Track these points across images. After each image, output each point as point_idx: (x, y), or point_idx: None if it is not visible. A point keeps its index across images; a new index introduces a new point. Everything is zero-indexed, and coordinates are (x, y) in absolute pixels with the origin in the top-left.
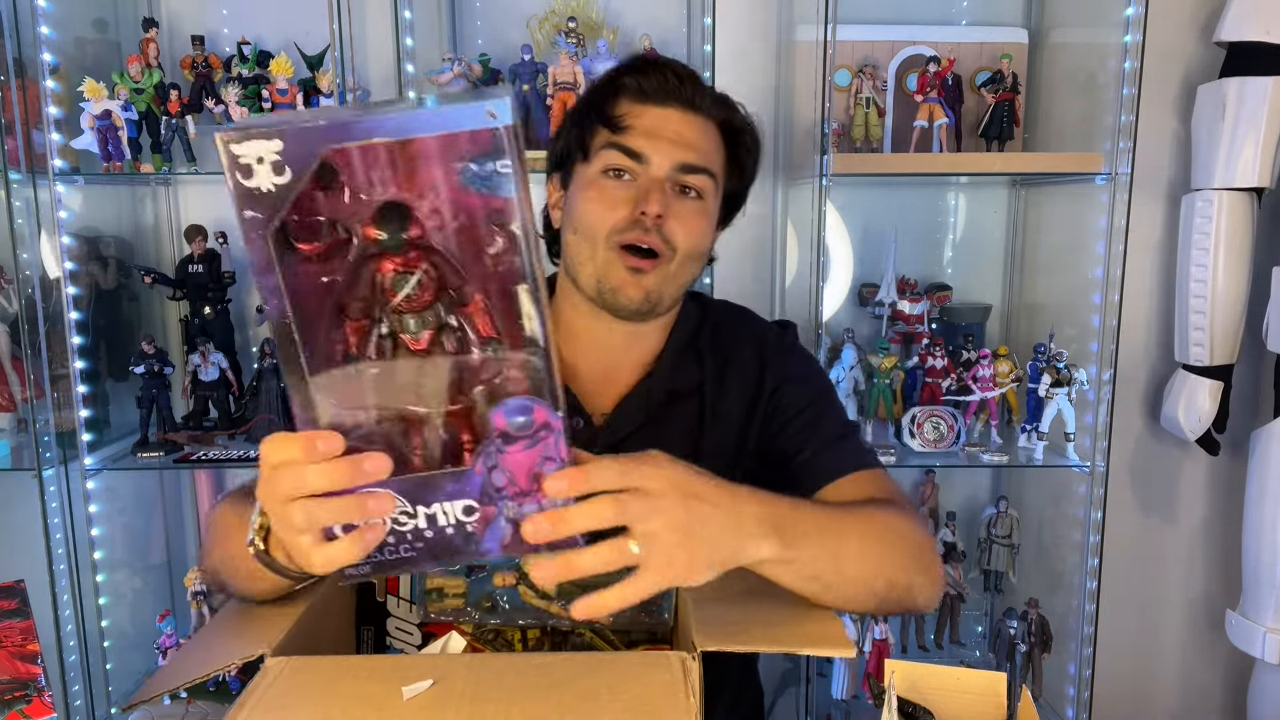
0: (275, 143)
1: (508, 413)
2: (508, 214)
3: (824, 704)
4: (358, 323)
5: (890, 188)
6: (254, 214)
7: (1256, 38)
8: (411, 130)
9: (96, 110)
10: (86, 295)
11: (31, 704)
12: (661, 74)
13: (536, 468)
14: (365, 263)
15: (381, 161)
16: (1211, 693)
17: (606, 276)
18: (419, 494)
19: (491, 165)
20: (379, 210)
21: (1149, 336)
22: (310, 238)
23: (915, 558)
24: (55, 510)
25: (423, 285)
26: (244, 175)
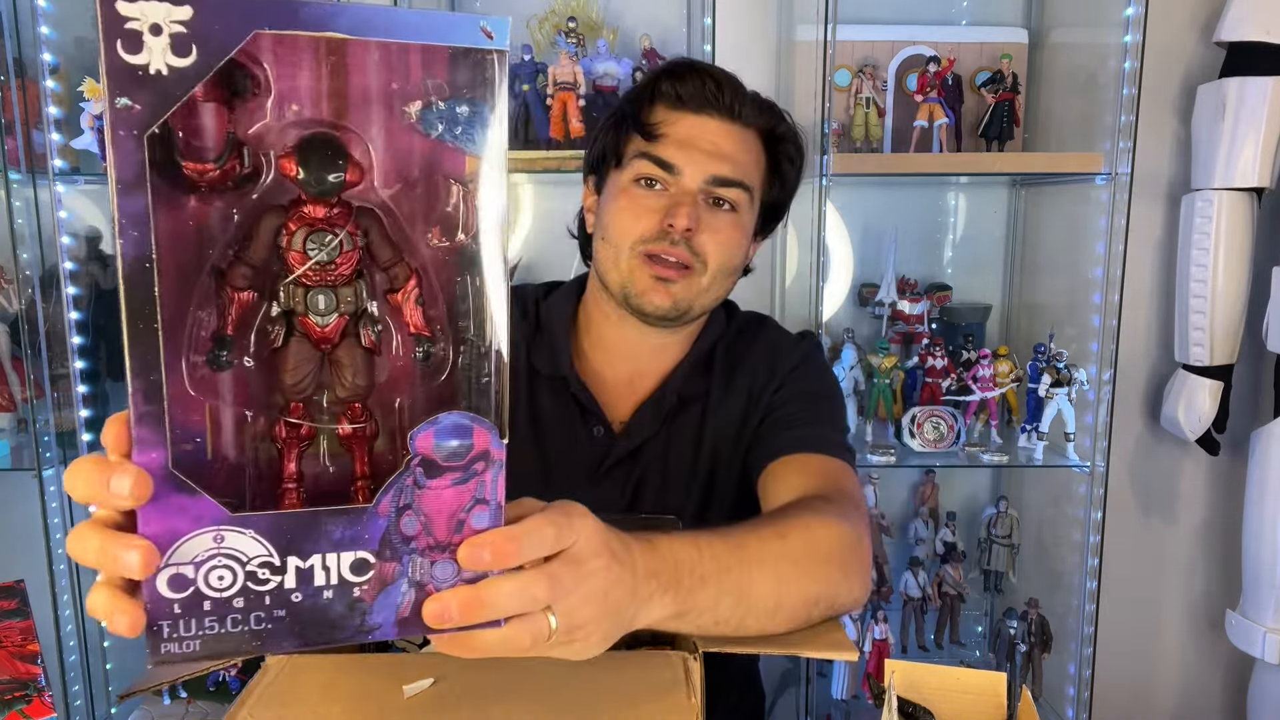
0: (184, 9)
1: (439, 433)
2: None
3: (824, 704)
4: (241, 293)
5: (890, 188)
6: (130, 103)
7: (1256, 38)
8: (378, 29)
9: (96, 110)
10: (86, 295)
11: (31, 704)
12: (700, 80)
13: (463, 512)
14: (270, 213)
15: (323, 67)
16: (1211, 693)
17: (632, 283)
18: (292, 538)
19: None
20: (306, 140)
21: (1149, 336)
22: (202, 156)
23: (838, 565)
24: (55, 510)
25: (344, 252)
26: (128, 46)
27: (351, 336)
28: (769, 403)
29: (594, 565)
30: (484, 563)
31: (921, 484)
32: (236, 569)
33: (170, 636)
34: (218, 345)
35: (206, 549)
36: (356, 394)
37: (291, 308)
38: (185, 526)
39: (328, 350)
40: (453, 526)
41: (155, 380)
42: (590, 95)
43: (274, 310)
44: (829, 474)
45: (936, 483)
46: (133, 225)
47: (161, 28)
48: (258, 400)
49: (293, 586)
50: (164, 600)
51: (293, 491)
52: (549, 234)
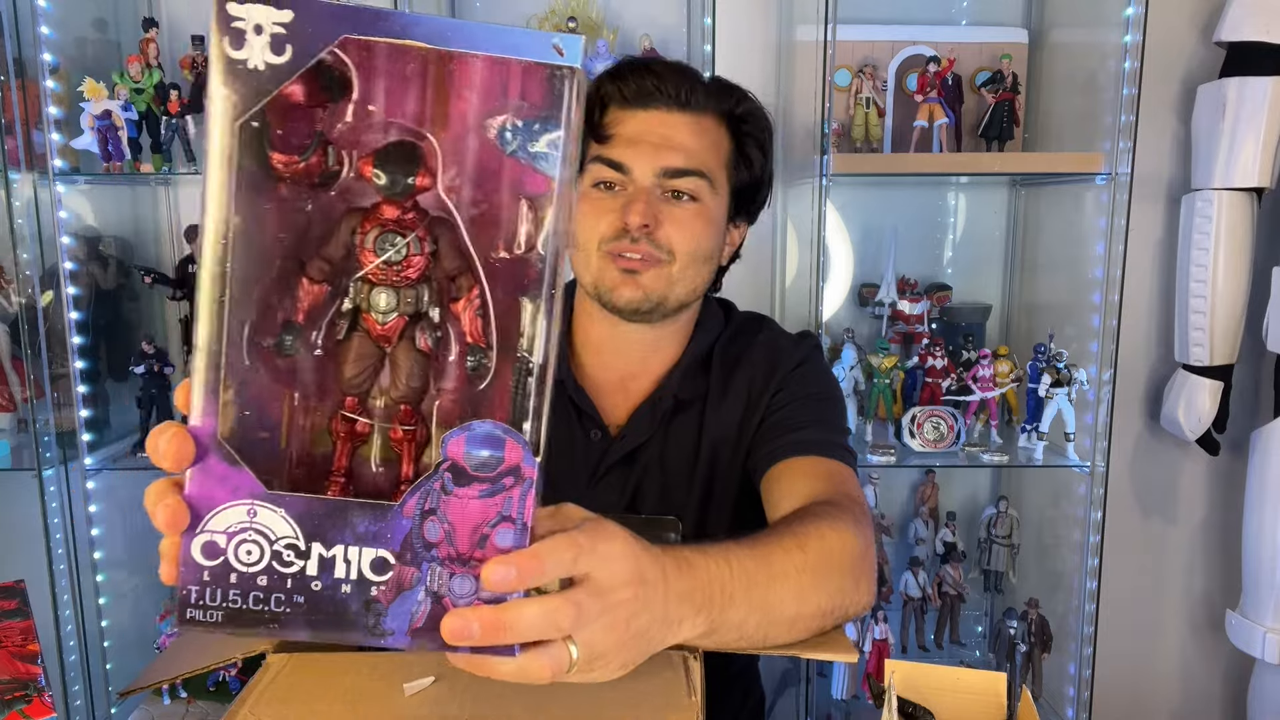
0: (285, 12)
1: (471, 441)
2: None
3: (824, 704)
4: (316, 286)
5: (890, 188)
6: (229, 93)
7: (1256, 38)
8: (456, 40)
9: (96, 110)
10: (86, 295)
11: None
12: (641, 76)
13: (487, 527)
14: (349, 214)
15: (409, 74)
16: (1211, 693)
17: (601, 280)
18: (319, 525)
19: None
20: (386, 146)
21: (1149, 336)
22: (291, 148)
23: (850, 575)
24: (55, 510)
25: (410, 256)
26: (233, 42)
27: (409, 339)
28: (769, 404)
29: (622, 595)
30: (509, 582)
31: (921, 484)
32: (264, 546)
33: (196, 602)
34: (286, 330)
35: (239, 521)
36: (410, 395)
37: (357, 304)
38: (223, 496)
39: (388, 350)
40: (475, 540)
41: (216, 351)
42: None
43: (344, 306)
44: (834, 478)
45: (936, 483)
46: (218, 204)
47: (264, 28)
48: (316, 390)
49: (314, 574)
50: (195, 565)
51: (338, 485)
52: None
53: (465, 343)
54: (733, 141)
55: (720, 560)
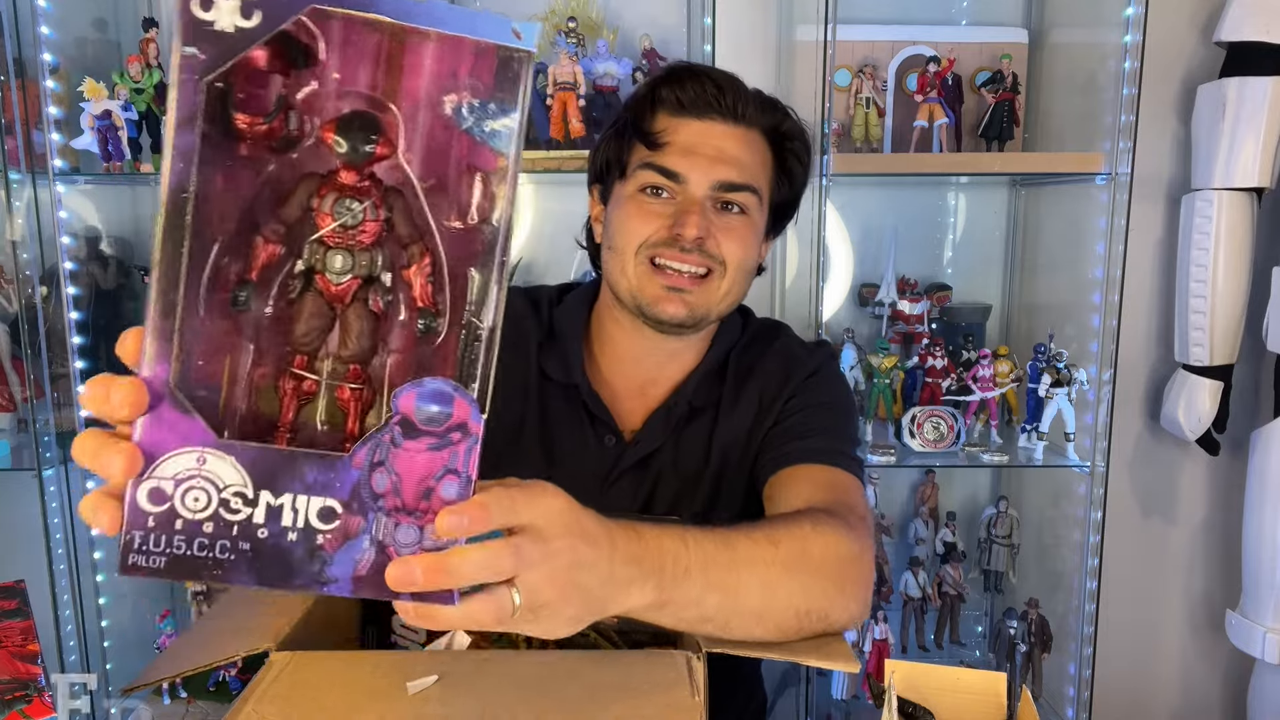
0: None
1: (421, 396)
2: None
3: (824, 704)
4: (271, 245)
5: (890, 188)
6: (196, 52)
7: (1256, 38)
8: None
9: (96, 110)
10: (86, 295)
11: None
12: (700, 84)
13: (433, 480)
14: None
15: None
16: (1211, 693)
17: (642, 291)
18: (269, 474)
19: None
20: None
21: (1149, 336)
22: (254, 110)
23: (833, 579)
24: (55, 510)
25: (366, 220)
26: (201, 4)
27: (361, 301)
28: (780, 410)
29: (560, 544)
30: (458, 529)
31: (921, 484)
32: (212, 493)
33: (140, 548)
34: (240, 286)
35: (188, 468)
36: (358, 355)
37: (312, 265)
38: (173, 442)
39: (339, 309)
40: (421, 492)
41: (172, 300)
42: (590, 95)
43: (297, 267)
44: (836, 487)
45: (936, 483)
46: (179, 158)
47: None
48: (267, 347)
49: (260, 522)
50: (140, 511)
51: (284, 439)
52: (548, 234)
53: (416, 307)
54: (775, 158)
55: (675, 536)
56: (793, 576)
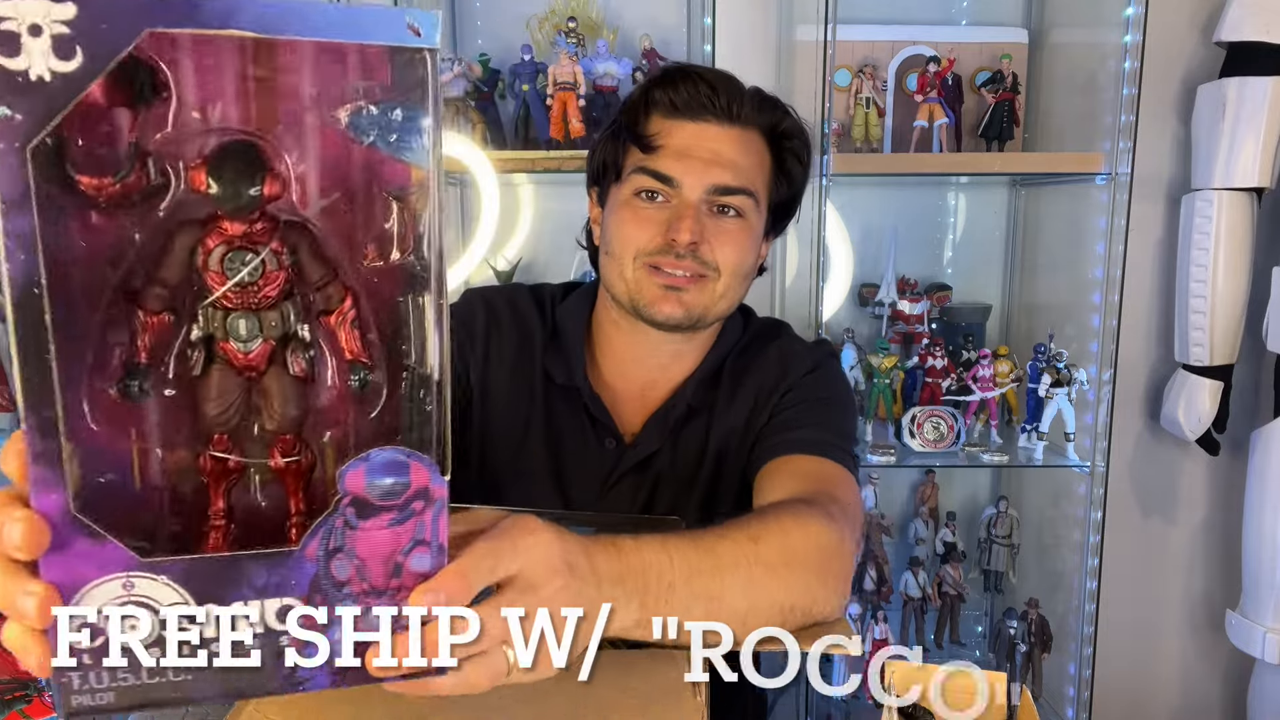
0: (66, 6)
1: (371, 470)
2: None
3: (824, 704)
4: (155, 317)
5: (890, 188)
6: (10, 113)
7: (1256, 38)
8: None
9: None
10: None
11: (31, 704)
12: (694, 86)
13: (400, 555)
14: (184, 226)
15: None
16: (1211, 693)
17: (639, 293)
18: (209, 585)
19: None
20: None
21: (1149, 336)
22: (99, 170)
23: (815, 572)
24: None
25: (267, 273)
26: (5, 49)
27: (280, 364)
28: (775, 405)
29: (549, 590)
30: (440, 605)
31: (921, 484)
32: (149, 617)
33: (80, 688)
34: (130, 374)
35: (115, 596)
36: (287, 425)
37: (211, 333)
38: (91, 573)
39: (254, 379)
40: (390, 570)
41: (49, 416)
42: (590, 95)
43: (194, 334)
44: (822, 477)
45: (936, 483)
46: (19, 248)
47: (41, 28)
48: (179, 432)
49: (213, 636)
50: (74, 649)
51: (220, 530)
52: (548, 234)
53: (345, 360)
54: (773, 157)
55: (657, 548)
56: (775, 574)
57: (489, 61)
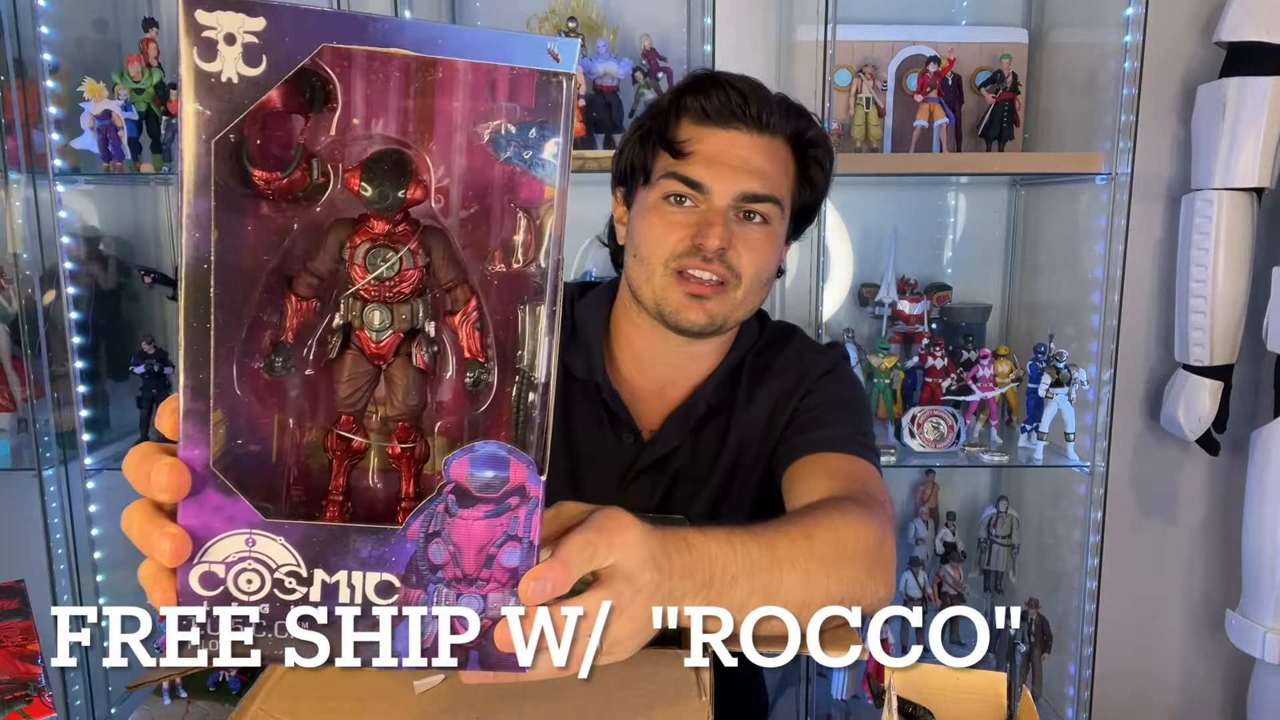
0: (257, 20)
1: (474, 462)
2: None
3: (824, 704)
4: (304, 302)
5: (890, 188)
6: (203, 110)
7: (1256, 38)
8: (444, 47)
9: (96, 110)
10: (86, 295)
11: (31, 704)
12: (724, 93)
13: (493, 547)
14: (337, 226)
15: (395, 84)
16: (1211, 693)
17: (665, 300)
18: (320, 551)
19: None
20: (373, 156)
21: (1149, 336)
22: (271, 164)
23: (864, 566)
24: (55, 510)
25: (404, 270)
26: (203, 54)
27: (405, 355)
28: (795, 407)
29: (644, 580)
30: (543, 596)
31: (921, 484)
32: (265, 574)
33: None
34: (275, 351)
35: (238, 551)
36: (407, 413)
37: (349, 320)
38: (220, 526)
39: (383, 366)
40: (481, 560)
41: (204, 379)
42: (590, 95)
43: (335, 321)
44: (854, 475)
45: (936, 483)
46: (195, 227)
47: (235, 37)
48: (310, 409)
49: (318, 600)
50: (195, 596)
51: (336, 504)
52: None
53: (464, 358)
54: (797, 165)
55: (723, 542)
56: (829, 569)
57: None
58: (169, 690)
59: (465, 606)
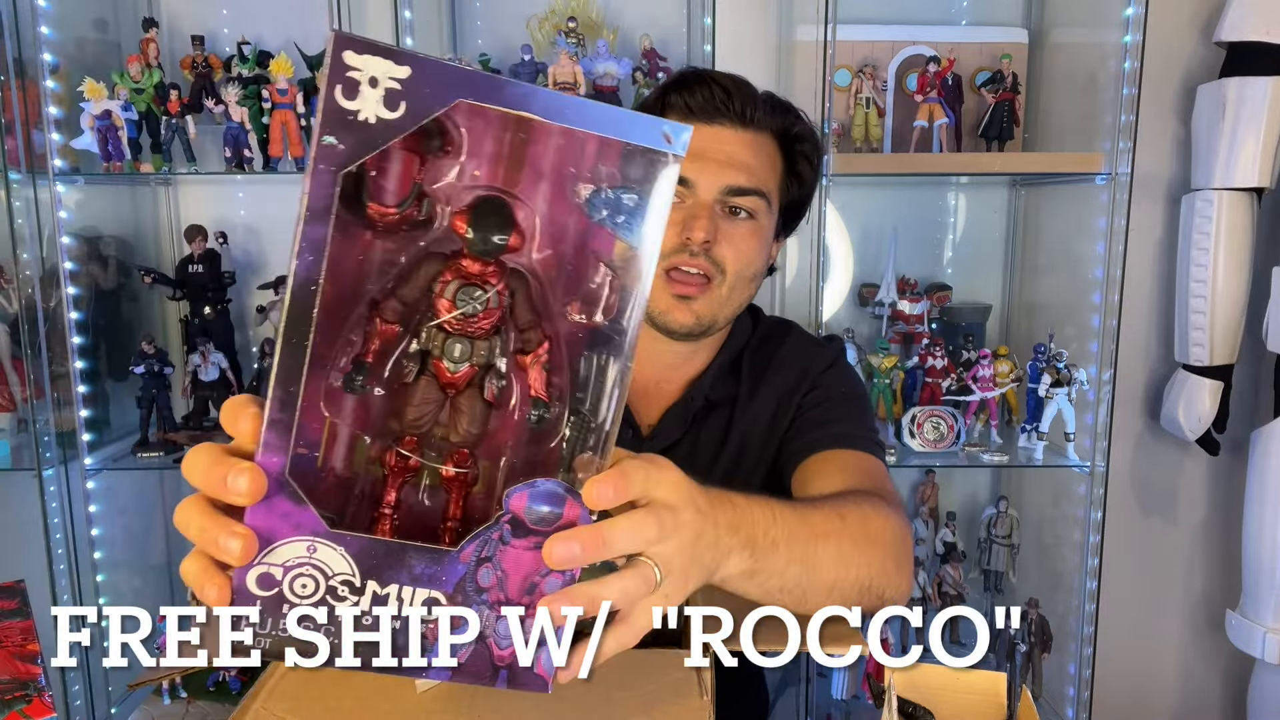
0: (403, 69)
1: (533, 497)
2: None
3: (824, 704)
4: (388, 326)
5: (890, 188)
6: (335, 142)
7: (1256, 38)
8: (567, 115)
9: (96, 110)
10: (86, 295)
11: (31, 704)
12: (708, 90)
13: (538, 576)
14: (430, 259)
15: (512, 141)
16: (1211, 693)
17: (654, 302)
18: (376, 564)
19: (635, 198)
20: (481, 201)
21: (1149, 336)
22: (388, 201)
23: (891, 557)
24: (55, 510)
25: (488, 309)
26: (346, 93)
27: (476, 386)
28: (799, 404)
29: (686, 515)
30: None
31: (921, 484)
32: (320, 580)
33: (243, 628)
34: (356, 369)
35: (298, 556)
36: (468, 441)
37: (429, 349)
38: (285, 531)
39: (452, 394)
40: (525, 588)
41: (293, 392)
42: (590, 95)
43: (413, 347)
44: (869, 472)
45: (936, 483)
46: (310, 250)
47: (379, 81)
48: (377, 426)
49: (366, 609)
50: (249, 594)
51: (387, 518)
52: None
53: (529, 396)
54: (785, 160)
55: (763, 507)
56: (860, 550)
57: (489, 61)
58: (169, 690)
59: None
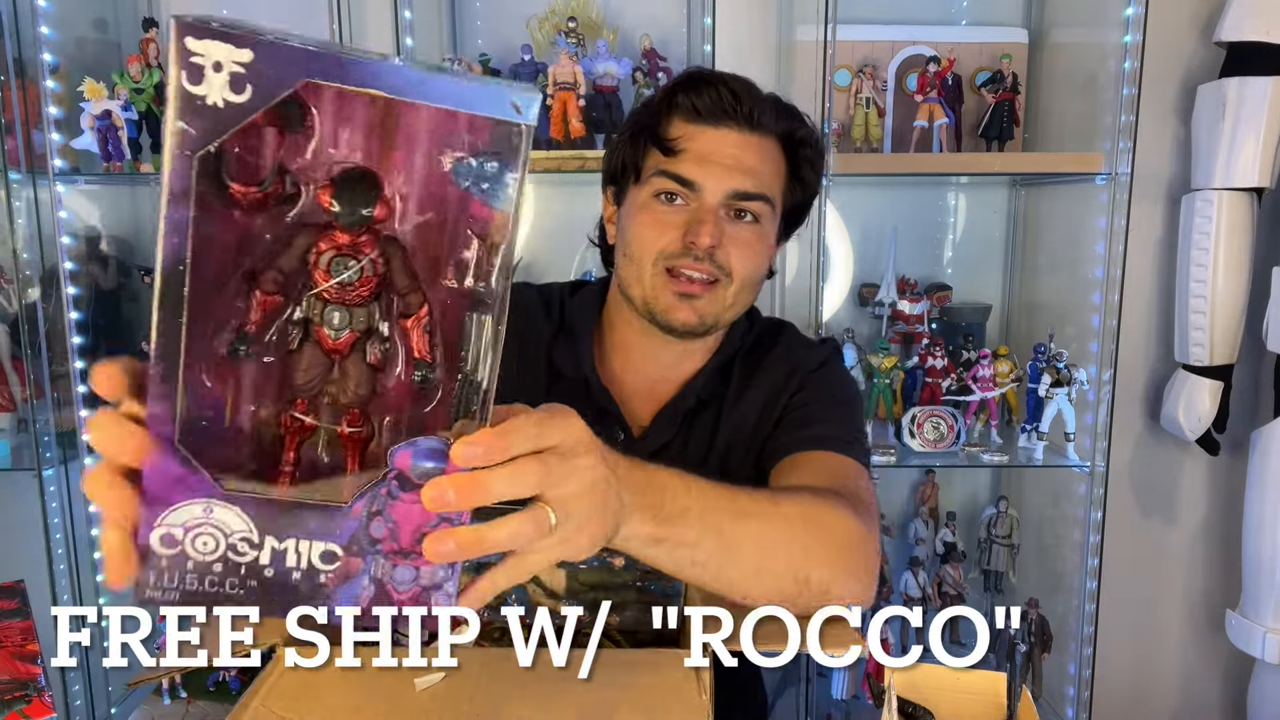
0: (245, 52)
1: (416, 453)
2: (494, 229)
3: (824, 704)
4: (269, 297)
5: (890, 188)
6: (187, 128)
7: (1256, 38)
8: (415, 92)
9: (96, 110)
10: (86, 295)
11: (31, 704)
12: (716, 92)
13: (428, 527)
14: (304, 230)
15: (364, 118)
16: (1211, 693)
17: (655, 299)
18: (272, 522)
19: (495, 166)
20: (344, 174)
21: (1149, 336)
22: (248, 179)
23: (839, 553)
24: (55, 510)
25: (364, 277)
26: (191, 78)
27: (360, 351)
28: (786, 404)
29: (583, 461)
30: (476, 458)
31: (921, 484)
32: (220, 539)
33: (155, 584)
34: (240, 340)
35: (196, 517)
36: (356, 401)
37: (310, 317)
38: (180, 495)
39: (338, 359)
40: (416, 538)
41: (172, 365)
42: (590, 95)
43: (295, 315)
44: (841, 473)
45: (936, 483)
46: (173, 232)
47: (223, 66)
48: (269, 391)
49: (266, 563)
50: (154, 554)
51: (288, 475)
52: (549, 233)
53: (413, 358)
54: (789, 165)
55: (677, 476)
56: (793, 538)
57: (489, 61)
58: (169, 690)
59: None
